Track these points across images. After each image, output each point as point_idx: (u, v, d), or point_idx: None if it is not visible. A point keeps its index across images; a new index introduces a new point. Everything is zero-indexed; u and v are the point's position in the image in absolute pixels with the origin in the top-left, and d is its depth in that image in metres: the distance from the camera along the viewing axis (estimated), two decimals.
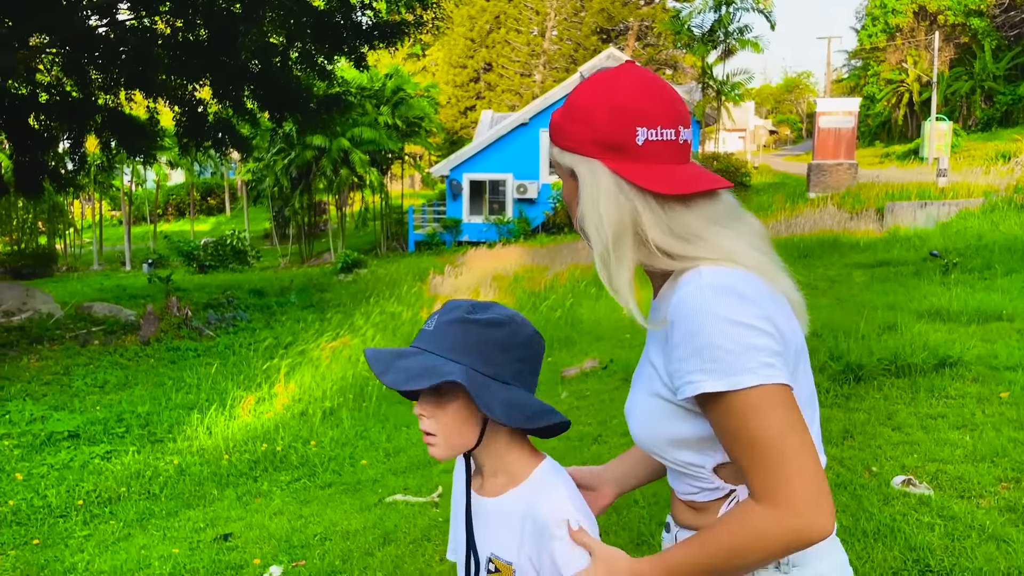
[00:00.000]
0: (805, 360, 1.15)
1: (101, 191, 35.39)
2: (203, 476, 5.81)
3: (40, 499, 5.55)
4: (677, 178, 1.11)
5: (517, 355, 1.25)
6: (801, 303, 1.18)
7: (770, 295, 1.10)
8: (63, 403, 8.95)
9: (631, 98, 1.12)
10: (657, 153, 1.12)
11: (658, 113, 1.12)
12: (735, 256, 1.11)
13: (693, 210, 1.13)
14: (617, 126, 1.11)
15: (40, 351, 11.98)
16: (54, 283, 24.54)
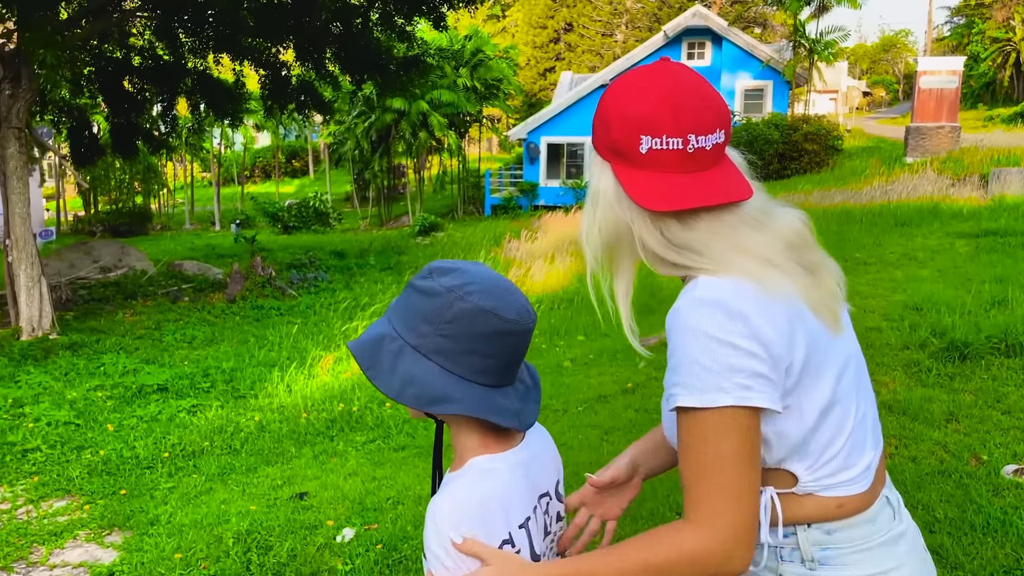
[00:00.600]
0: (826, 365, 1.13)
1: (192, 153, 36.60)
2: (282, 433, 5.92)
3: (129, 450, 5.75)
4: (675, 190, 1.10)
5: (443, 330, 1.15)
6: (824, 301, 1.15)
7: (768, 309, 1.07)
8: (153, 357, 9.30)
9: (639, 104, 1.11)
10: (661, 162, 1.11)
11: (665, 121, 1.09)
12: (736, 268, 1.10)
13: (690, 222, 1.12)
14: (623, 132, 1.12)
15: (134, 306, 12.51)
16: (149, 241, 25.63)
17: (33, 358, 9.17)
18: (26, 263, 10.19)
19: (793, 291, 1.11)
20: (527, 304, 1.19)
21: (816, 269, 1.17)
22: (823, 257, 1.20)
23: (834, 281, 1.19)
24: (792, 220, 1.18)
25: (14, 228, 10.13)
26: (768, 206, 1.18)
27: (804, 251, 1.17)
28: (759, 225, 1.14)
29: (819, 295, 1.15)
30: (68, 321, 11.28)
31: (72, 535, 4.35)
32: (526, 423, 1.21)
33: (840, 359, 1.16)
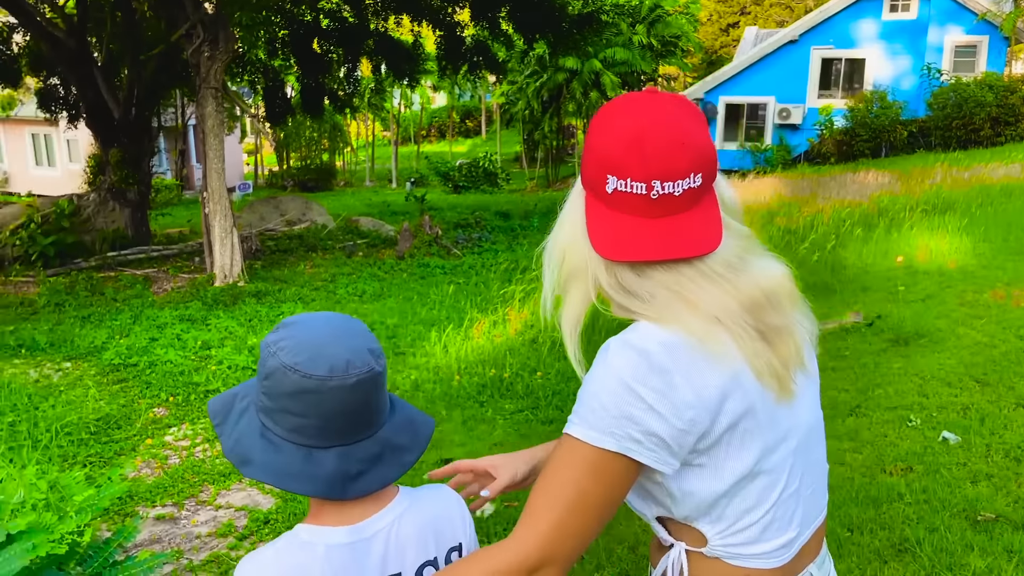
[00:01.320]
0: (758, 433, 1.08)
1: (374, 112, 38.25)
2: (435, 395, 5.99)
3: None
4: (634, 238, 1.07)
5: (263, 387, 1.12)
6: (774, 368, 1.09)
7: (697, 370, 1.04)
8: (327, 309, 9.82)
9: (610, 142, 1.07)
10: (625, 204, 1.07)
11: (631, 164, 1.05)
12: (679, 322, 1.06)
13: (645, 270, 1.08)
14: (594, 169, 1.09)
15: (314, 259, 13.26)
16: (332, 196, 27.21)
17: (223, 304, 9.94)
18: (220, 215, 11.02)
19: (736, 354, 1.06)
20: (353, 354, 1.08)
21: (777, 332, 1.11)
22: (791, 318, 1.14)
23: (796, 345, 1.14)
24: (766, 276, 1.12)
25: (210, 181, 10.97)
26: (746, 257, 1.11)
27: (767, 312, 1.10)
28: (721, 279, 1.08)
29: (769, 361, 1.09)
30: (256, 270, 12.14)
31: (238, 478, 4.63)
32: (356, 491, 1.08)
33: (780, 429, 1.11)
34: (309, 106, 18.15)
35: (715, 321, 1.06)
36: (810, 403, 1.18)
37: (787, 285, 1.14)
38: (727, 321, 1.06)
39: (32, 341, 7.97)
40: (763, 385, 1.08)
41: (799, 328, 1.16)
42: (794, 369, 1.13)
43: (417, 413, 1.24)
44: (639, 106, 1.08)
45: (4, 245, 11.83)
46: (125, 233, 13.19)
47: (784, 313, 1.13)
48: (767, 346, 1.09)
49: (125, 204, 13.37)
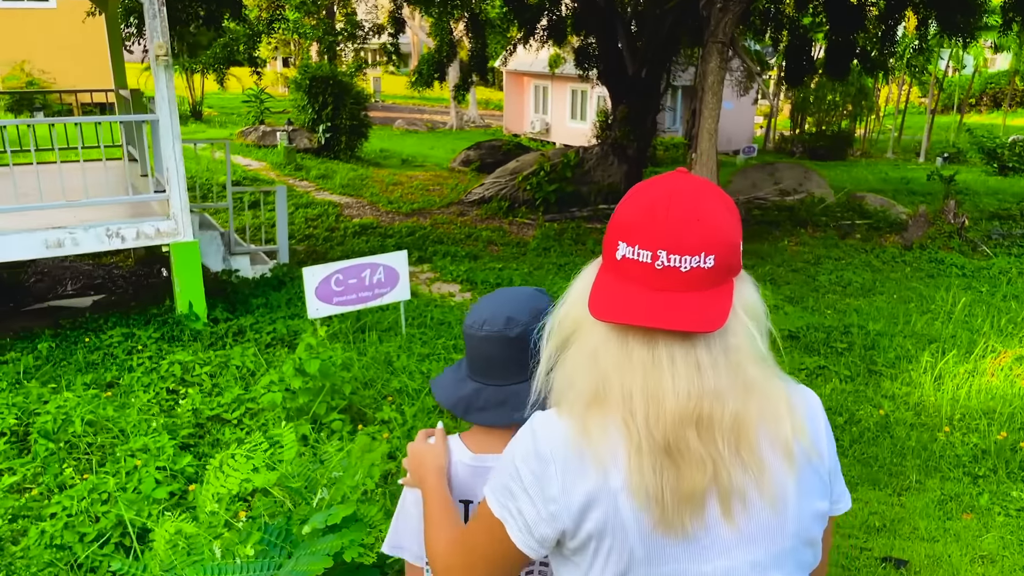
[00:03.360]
0: (627, 556, 1.03)
1: (912, 75, 33.66)
2: (907, 445, 4.50)
3: None
4: (627, 301, 1.03)
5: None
6: (654, 493, 1.00)
7: (576, 472, 1.04)
8: (800, 296, 8.56)
9: (627, 210, 1.07)
10: (629, 271, 1.05)
11: (641, 230, 1.03)
12: (579, 416, 1.05)
13: (609, 345, 1.06)
14: (609, 235, 1.09)
15: (800, 235, 11.92)
16: (842, 167, 24.74)
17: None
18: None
19: (622, 466, 1.01)
20: (494, 316, 1.40)
21: (694, 460, 1.00)
22: (743, 455, 1.02)
23: (724, 486, 1.01)
24: (745, 399, 1.04)
25: (700, 142, 10.41)
26: (743, 368, 1.04)
27: (700, 432, 1.01)
28: (674, 375, 1.01)
29: (656, 484, 1.00)
30: None
31: None
32: (473, 419, 1.43)
33: (664, 564, 1.04)
34: (834, 67, 16.35)
35: (620, 423, 1.02)
36: (750, 558, 1.05)
37: (780, 420, 1.06)
38: (637, 425, 1.01)
39: (509, 283, 8.49)
40: (638, 505, 1.01)
41: (757, 472, 1.03)
42: (702, 505, 1.02)
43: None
44: (664, 181, 1.07)
45: (518, 189, 13.10)
46: (619, 187, 13.54)
47: (716, 444, 1.01)
48: (669, 466, 1.01)
49: (624, 160, 13.70)
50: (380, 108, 37.82)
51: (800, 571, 1.11)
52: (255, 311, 6.77)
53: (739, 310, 1.06)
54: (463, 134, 29.73)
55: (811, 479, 1.08)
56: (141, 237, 6.12)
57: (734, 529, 1.04)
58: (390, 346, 5.86)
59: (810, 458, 1.09)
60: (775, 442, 1.05)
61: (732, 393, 1.02)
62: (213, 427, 4.58)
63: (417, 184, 15.66)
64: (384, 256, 5.98)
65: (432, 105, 40.13)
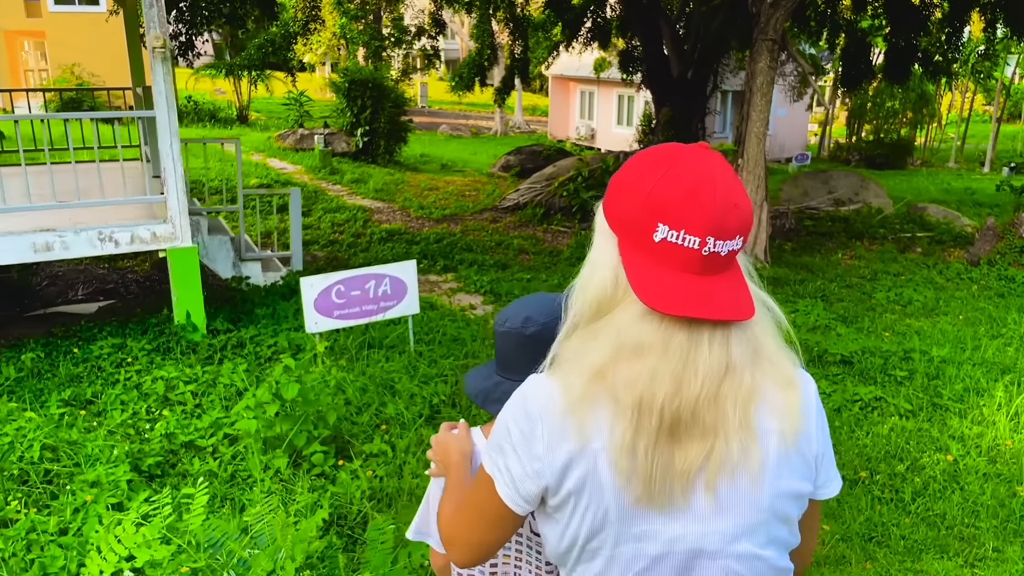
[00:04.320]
0: (600, 514, 1.08)
1: (976, 81, 32.16)
2: (979, 501, 3.81)
3: None
4: (683, 293, 1.03)
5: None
6: (641, 471, 1.05)
7: (559, 432, 1.08)
8: (853, 316, 7.81)
9: (667, 190, 1.03)
10: (670, 256, 1.04)
11: (690, 215, 1.02)
12: (572, 385, 1.08)
13: (649, 319, 1.06)
14: (642, 213, 1.05)
15: (856, 248, 11.11)
16: (900, 176, 23.58)
17: None
18: (752, 186, 9.73)
19: (603, 439, 1.06)
20: (516, 315, 1.50)
21: (697, 434, 1.04)
22: (738, 429, 1.06)
23: (717, 460, 1.05)
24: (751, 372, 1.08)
25: (748, 147, 9.72)
26: (759, 344, 1.10)
27: (707, 409, 1.04)
28: (696, 352, 1.04)
29: (644, 462, 1.04)
30: (784, 252, 10.61)
31: None
32: (491, 409, 1.50)
33: (635, 527, 1.08)
34: (894, 70, 15.44)
35: (613, 399, 1.05)
36: (719, 527, 1.09)
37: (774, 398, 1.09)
38: (649, 405, 1.03)
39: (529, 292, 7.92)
40: (617, 478, 1.06)
41: (747, 446, 1.07)
42: (689, 484, 1.06)
43: None
44: (697, 158, 1.05)
45: (553, 195, 12.54)
46: None
47: (726, 415, 1.05)
48: (668, 443, 1.05)
49: None
50: (426, 114, 37.67)
51: (772, 546, 1.13)
52: (259, 322, 6.34)
53: (753, 288, 1.10)
54: (507, 139, 29.29)
55: (794, 459, 1.11)
56: (136, 241, 5.73)
57: (713, 497, 1.08)
58: (395, 365, 5.36)
59: (797, 439, 1.11)
60: (771, 418, 1.09)
61: (751, 368, 1.06)
62: (186, 455, 4.13)
63: (453, 189, 15.21)
64: (391, 266, 5.49)
65: (478, 111, 39.86)
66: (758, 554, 1.11)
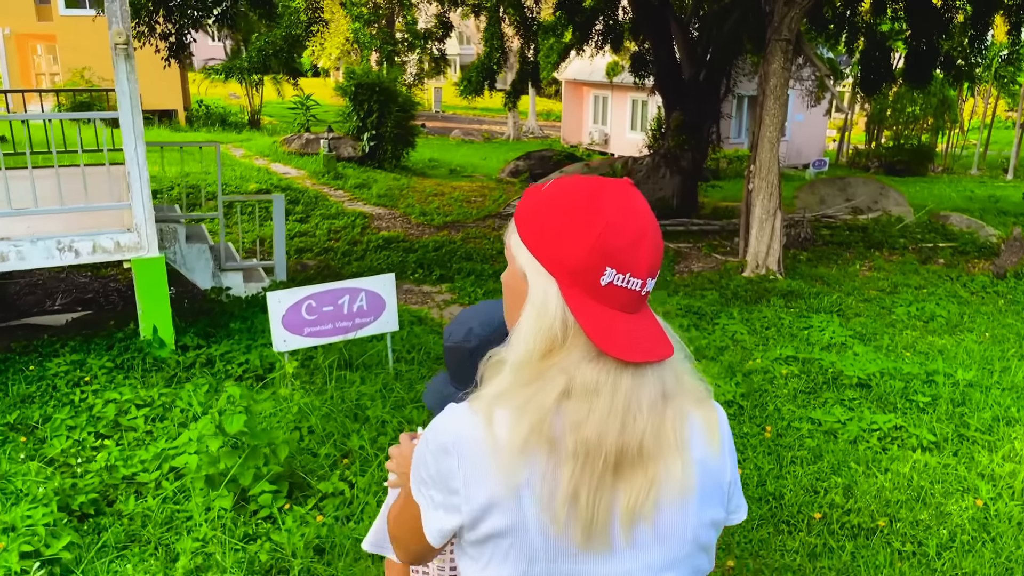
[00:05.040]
0: (528, 560, 1.05)
1: (1000, 87, 31.40)
2: (1013, 557, 3.34)
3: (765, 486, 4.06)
4: (626, 338, 1.05)
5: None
6: (579, 512, 1.03)
7: (479, 469, 1.05)
8: (871, 333, 7.32)
9: (614, 235, 1.04)
10: (612, 299, 1.06)
11: (635, 260, 1.05)
12: (522, 420, 1.04)
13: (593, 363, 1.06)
14: (592, 259, 1.04)
15: (874, 259, 10.59)
16: (921, 184, 22.94)
17: (742, 300, 8.26)
18: (764, 193, 9.26)
19: (538, 490, 1.03)
20: (458, 328, 1.53)
21: (638, 472, 1.05)
22: (667, 464, 1.06)
23: (654, 497, 1.05)
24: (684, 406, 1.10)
25: (760, 152, 9.25)
26: (682, 379, 1.11)
27: (649, 446, 1.05)
28: (637, 393, 1.05)
29: (586, 503, 1.02)
30: (798, 263, 10.12)
31: None
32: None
33: (566, 571, 1.07)
34: (914, 74, 14.89)
35: (550, 444, 1.03)
36: (647, 561, 1.09)
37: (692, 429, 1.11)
38: (575, 446, 1.02)
39: None
40: (552, 527, 1.04)
41: (686, 469, 1.08)
42: (632, 521, 1.06)
43: None
44: (632, 201, 1.06)
45: None
46: (670, 202, 12.43)
47: (669, 444, 1.07)
48: (613, 483, 1.04)
49: (676, 171, 12.58)
50: (440, 119, 37.39)
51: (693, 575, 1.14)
52: (233, 337, 5.96)
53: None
54: (519, 145, 28.91)
55: (713, 489, 1.12)
56: (98, 251, 5.37)
57: (651, 529, 1.07)
58: (369, 388, 4.95)
59: (714, 466, 1.12)
60: (699, 442, 1.10)
61: (680, 396, 1.09)
62: (125, 492, 3.73)
63: (458, 195, 14.83)
64: (367, 280, 5.08)
65: (492, 116, 39.53)
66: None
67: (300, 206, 12.41)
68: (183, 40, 8.94)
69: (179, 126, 25.76)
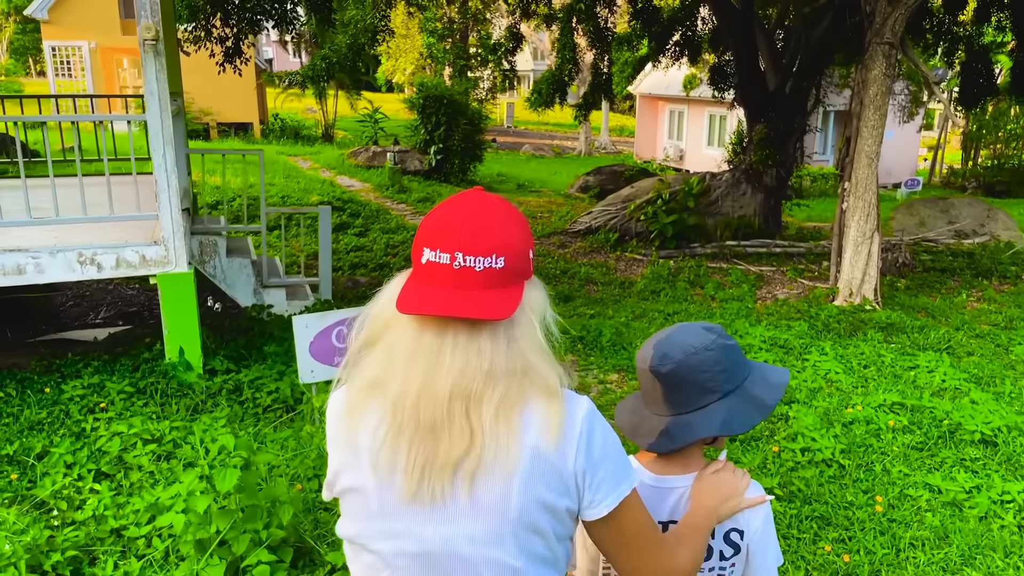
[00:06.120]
0: (365, 514, 1.18)
1: None
2: None
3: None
4: (413, 295, 1.16)
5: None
6: (403, 467, 1.14)
7: (336, 436, 1.22)
8: (990, 375, 6.33)
9: (431, 221, 1.19)
10: (431, 273, 1.16)
11: (443, 237, 1.15)
12: (355, 389, 1.21)
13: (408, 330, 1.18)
14: (417, 243, 1.20)
15: (984, 289, 9.48)
16: None
17: (835, 333, 7.35)
18: (860, 213, 8.33)
19: (368, 439, 1.16)
20: (652, 351, 1.48)
21: (454, 432, 1.12)
22: (489, 434, 1.13)
23: (465, 458, 1.12)
24: (499, 382, 1.15)
25: (857, 168, 8.33)
26: (523, 359, 1.17)
27: (466, 407, 1.13)
28: (454, 350, 1.14)
29: (407, 457, 1.13)
30: (896, 292, 9.11)
31: None
32: (643, 445, 1.50)
33: (397, 524, 1.16)
34: (1020, 87, 13.61)
35: (389, 405, 1.15)
36: (469, 531, 1.15)
37: (522, 414, 1.15)
38: (407, 404, 1.13)
39: (596, 334, 6.78)
40: (377, 475, 1.16)
41: (507, 450, 1.13)
42: (452, 476, 1.13)
43: (715, 429, 1.46)
44: (463, 197, 1.21)
45: (629, 219, 11.36)
46: (751, 221, 11.52)
47: (481, 418, 1.13)
48: (427, 439, 1.13)
49: (759, 188, 11.67)
50: (511, 134, 37.04)
51: (524, 557, 1.16)
52: (267, 360, 5.45)
53: (526, 307, 1.19)
54: (591, 160, 28.19)
55: (545, 471, 1.14)
56: (122, 265, 4.93)
57: (469, 498, 1.13)
58: None
59: (550, 452, 1.14)
60: (532, 426, 1.14)
61: (507, 375, 1.14)
62: (109, 548, 3.19)
63: (524, 211, 14.13)
64: None
65: (564, 132, 38.98)
66: (509, 564, 1.16)
67: (360, 219, 12.01)
68: (240, 45, 8.63)
69: (253, 138, 26.01)
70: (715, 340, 1.46)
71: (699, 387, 1.44)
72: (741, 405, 1.45)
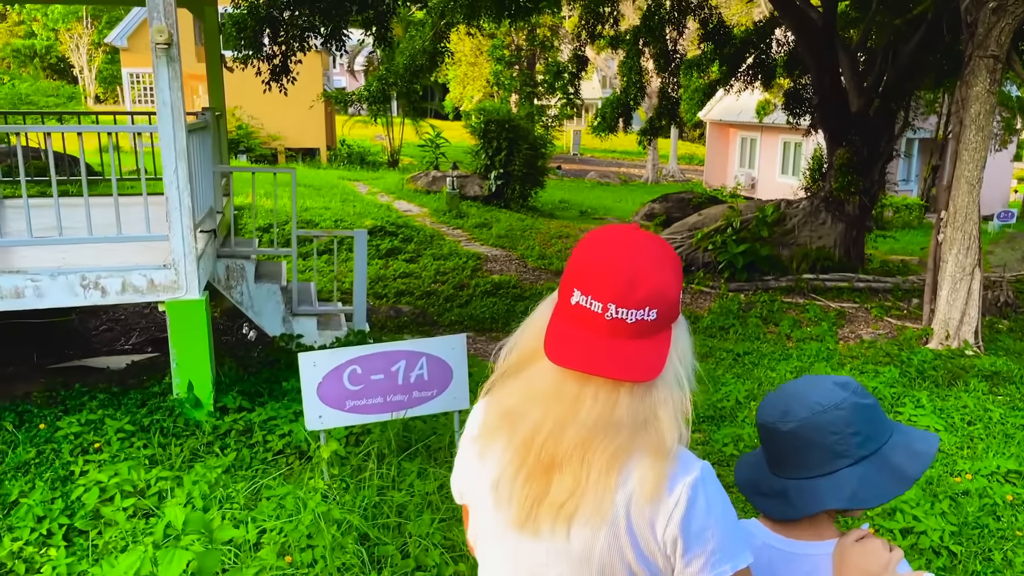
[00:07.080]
0: (482, 517, 1.26)
1: None
2: None
3: None
4: (561, 341, 1.14)
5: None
6: (519, 496, 1.18)
7: (467, 455, 1.29)
8: None
9: (583, 261, 1.15)
10: (580, 318, 1.14)
11: (596, 284, 1.13)
12: (486, 416, 1.26)
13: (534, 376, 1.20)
14: (567, 281, 1.17)
15: None
16: None
17: (933, 381, 6.44)
18: (960, 245, 7.40)
19: (497, 477, 1.20)
20: (775, 406, 1.37)
21: (568, 474, 1.14)
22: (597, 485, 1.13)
23: (574, 504, 1.14)
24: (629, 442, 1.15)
25: (955, 195, 7.42)
26: (649, 410, 1.15)
27: (600, 456, 1.14)
28: (590, 404, 1.14)
29: (523, 489, 1.17)
30: (999, 334, 8.10)
31: None
32: (761, 508, 1.41)
33: (503, 544, 1.22)
34: None
35: (518, 441, 1.18)
36: (558, 570, 1.18)
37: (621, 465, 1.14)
38: (536, 442, 1.16)
39: None
40: (497, 498, 1.21)
41: (602, 499, 1.13)
42: (554, 516, 1.15)
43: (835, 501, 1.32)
44: (617, 235, 1.17)
45: (696, 248, 10.59)
46: (831, 253, 10.60)
47: (591, 467, 1.13)
48: (544, 476, 1.16)
49: (839, 218, 10.75)
50: (577, 161, 36.54)
51: None
52: (285, 397, 4.94)
53: (674, 357, 1.16)
54: (658, 188, 27.39)
55: (632, 531, 1.13)
56: (128, 290, 4.50)
57: (564, 541, 1.16)
58: (426, 485, 3.72)
59: (638, 514, 1.13)
60: (625, 483, 1.13)
61: (630, 427, 1.13)
62: None
63: None
64: (430, 342, 3.90)
65: (631, 159, 38.29)
66: None
67: (412, 244, 11.57)
68: (287, 63, 8.33)
69: (319, 163, 26.16)
70: (847, 398, 1.32)
71: (827, 450, 1.31)
72: (876, 474, 1.30)
